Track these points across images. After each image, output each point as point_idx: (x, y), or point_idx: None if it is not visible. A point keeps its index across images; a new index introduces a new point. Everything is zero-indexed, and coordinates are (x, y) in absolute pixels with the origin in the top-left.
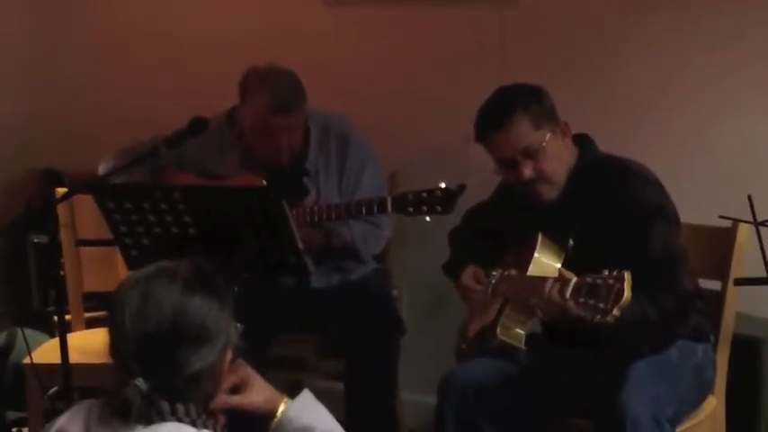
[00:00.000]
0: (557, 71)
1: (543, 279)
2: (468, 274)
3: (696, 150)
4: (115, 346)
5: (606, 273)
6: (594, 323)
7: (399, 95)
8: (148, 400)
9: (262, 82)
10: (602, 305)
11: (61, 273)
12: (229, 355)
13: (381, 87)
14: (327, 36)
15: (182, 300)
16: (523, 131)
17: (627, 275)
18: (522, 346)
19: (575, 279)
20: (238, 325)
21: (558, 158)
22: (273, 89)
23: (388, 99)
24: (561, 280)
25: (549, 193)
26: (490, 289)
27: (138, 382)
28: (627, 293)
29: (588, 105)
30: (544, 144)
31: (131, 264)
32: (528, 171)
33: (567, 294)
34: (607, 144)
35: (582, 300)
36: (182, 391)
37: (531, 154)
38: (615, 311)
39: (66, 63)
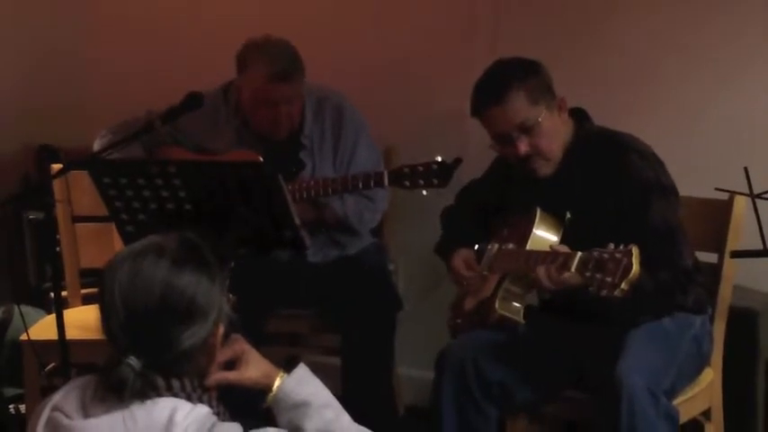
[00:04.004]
0: (552, 44)
1: (546, 253)
2: (459, 260)
3: (692, 123)
4: (106, 323)
5: (612, 247)
6: (601, 297)
7: (395, 70)
8: (142, 377)
9: (260, 52)
10: (609, 279)
11: (57, 249)
12: (222, 330)
13: (376, 62)
14: (323, 11)
15: (171, 276)
16: (519, 107)
17: (635, 250)
18: (521, 319)
19: (580, 253)
20: (231, 296)
21: (554, 134)
22: (272, 58)
23: (383, 74)
24: (565, 254)
25: (546, 169)
26: (486, 265)
27: (130, 360)
28: (635, 268)
29: (583, 78)
30: (540, 119)
31: (127, 240)
32: (524, 146)
33: (573, 268)
34: (603, 118)
35: (588, 273)
36: (175, 368)
37: (526, 129)
38: (623, 285)
39: (61, 39)
